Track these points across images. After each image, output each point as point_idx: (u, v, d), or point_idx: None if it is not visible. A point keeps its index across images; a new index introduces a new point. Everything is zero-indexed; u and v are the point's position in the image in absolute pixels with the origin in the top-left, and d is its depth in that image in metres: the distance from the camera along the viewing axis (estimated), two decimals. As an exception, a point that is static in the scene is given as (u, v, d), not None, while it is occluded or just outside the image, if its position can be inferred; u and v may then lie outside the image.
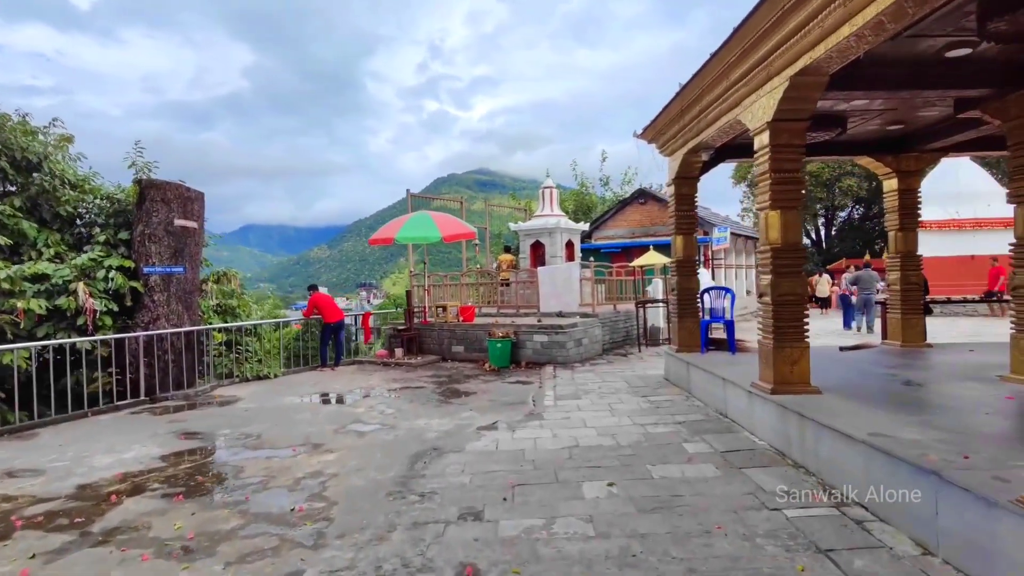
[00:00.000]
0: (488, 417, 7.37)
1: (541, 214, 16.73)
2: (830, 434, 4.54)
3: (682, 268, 9.05)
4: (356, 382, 10.40)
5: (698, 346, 8.96)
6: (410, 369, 11.67)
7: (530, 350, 11.71)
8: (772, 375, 5.76)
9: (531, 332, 11.72)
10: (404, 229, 12.19)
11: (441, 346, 12.90)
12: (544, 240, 16.31)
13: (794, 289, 5.78)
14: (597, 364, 11.44)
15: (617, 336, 13.75)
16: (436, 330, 12.98)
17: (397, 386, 9.83)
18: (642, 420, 6.87)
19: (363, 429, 6.99)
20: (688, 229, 9.06)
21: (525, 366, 11.49)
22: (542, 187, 16.96)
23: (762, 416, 5.79)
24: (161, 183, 9.33)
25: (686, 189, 8.98)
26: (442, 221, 12.54)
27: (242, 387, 10.14)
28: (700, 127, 7.59)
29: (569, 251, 16.81)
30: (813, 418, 4.82)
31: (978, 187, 21.60)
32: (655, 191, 22.47)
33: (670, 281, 9.42)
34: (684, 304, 9.03)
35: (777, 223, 5.78)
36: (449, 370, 11.45)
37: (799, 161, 5.80)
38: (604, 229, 23.16)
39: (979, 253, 20.97)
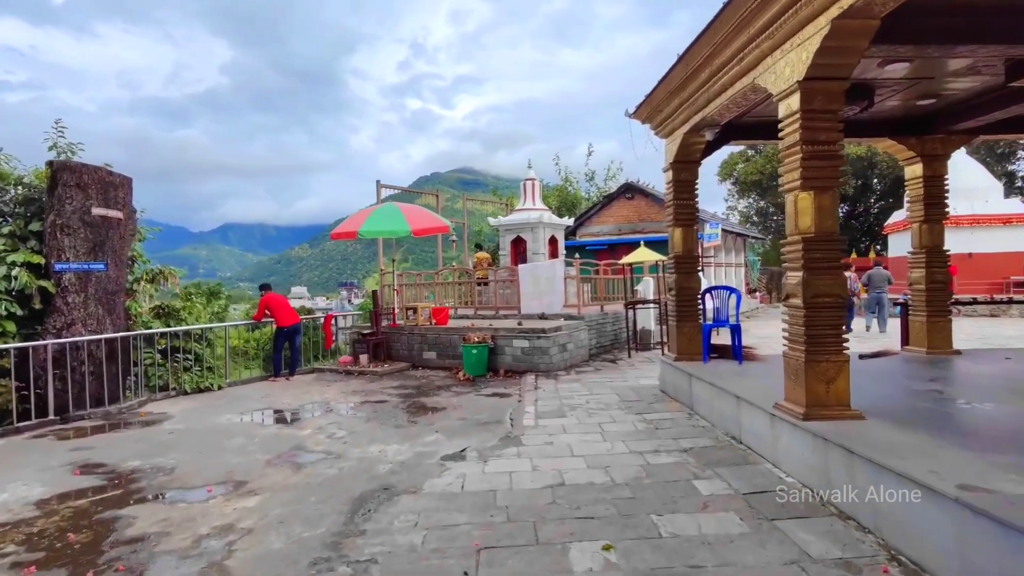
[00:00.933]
0: (456, 442, 6.17)
1: (523, 208, 15.57)
2: (896, 481, 3.42)
3: (681, 265, 7.92)
4: (310, 395, 9.14)
5: (699, 354, 7.84)
6: (374, 379, 10.43)
7: (509, 357, 10.53)
8: (804, 396, 4.64)
9: (510, 336, 10.54)
10: (369, 222, 10.95)
11: (411, 352, 11.67)
12: (526, 236, 15.15)
13: (831, 288, 4.66)
14: (583, 372, 10.29)
15: (605, 340, 12.63)
16: (406, 334, 11.75)
17: (356, 400, 8.60)
18: (640, 446, 5.72)
19: (303, 459, 5.76)
20: (688, 220, 7.94)
21: (504, 375, 10.30)
22: (524, 179, 15.80)
23: (791, 447, 4.66)
24: (76, 165, 7.99)
25: (686, 175, 7.86)
26: (412, 213, 11.32)
27: (177, 402, 8.82)
28: (706, 98, 6.46)
29: (552, 248, 15.67)
30: (867, 457, 3.70)
31: (975, 183, 20.84)
32: (643, 185, 21.42)
33: (667, 280, 8.29)
34: (684, 306, 7.91)
35: (809, 207, 4.66)
36: (418, 380, 10.23)
37: (836, 131, 4.69)
38: (589, 225, 22.05)
39: (977, 251, 20.21)
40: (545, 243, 15.18)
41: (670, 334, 8.21)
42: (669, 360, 8.01)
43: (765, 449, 5.13)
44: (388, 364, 11.36)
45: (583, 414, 7.13)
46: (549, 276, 12.21)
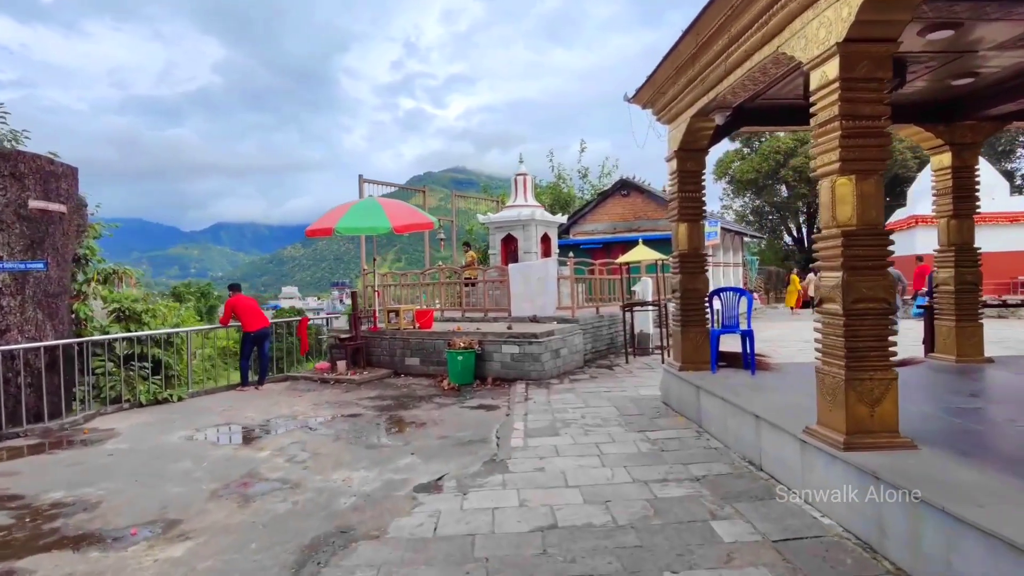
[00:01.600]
0: (433, 467, 5.38)
1: (514, 204, 14.78)
2: (982, 542, 2.66)
3: (687, 265, 7.15)
4: (278, 407, 8.31)
5: (706, 363, 7.08)
6: (351, 388, 9.61)
7: (498, 363, 9.74)
8: (843, 420, 3.87)
9: (499, 341, 9.75)
10: (347, 218, 10.13)
11: (393, 358, 10.86)
12: (517, 234, 14.36)
13: (876, 291, 3.90)
14: (578, 380, 9.51)
15: (600, 344, 11.86)
16: (387, 339, 10.93)
17: (328, 413, 7.78)
18: (644, 473, 4.94)
19: (254, 490, 4.95)
20: (694, 215, 7.17)
21: (492, 383, 9.51)
22: (515, 174, 15.02)
23: (829, 481, 3.90)
24: (11, 153, 7.13)
25: (691, 164, 7.10)
26: (393, 209, 10.51)
27: (129, 416, 7.98)
28: (718, 75, 5.69)
29: (545, 246, 14.89)
30: (939, 506, 2.94)
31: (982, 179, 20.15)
32: (639, 182, 20.69)
33: (671, 281, 7.52)
34: (689, 309, 7.14)
35: (850, 195, 3.90)
36: (399, 389, 9.42)
37: (882, 103, 3.93)
38: (583, 223, 21.28)
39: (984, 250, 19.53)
40: (537, 242, 14.40)
41: (674, 341, 7.44)
42: (673, 370, 7.24)
43: (793, 480, 4.36)
44: (368, 371, 10.55)
45: (578, 431, 6.35)
46: (541, 276, 11.43)
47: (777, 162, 39.18)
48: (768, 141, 40.80)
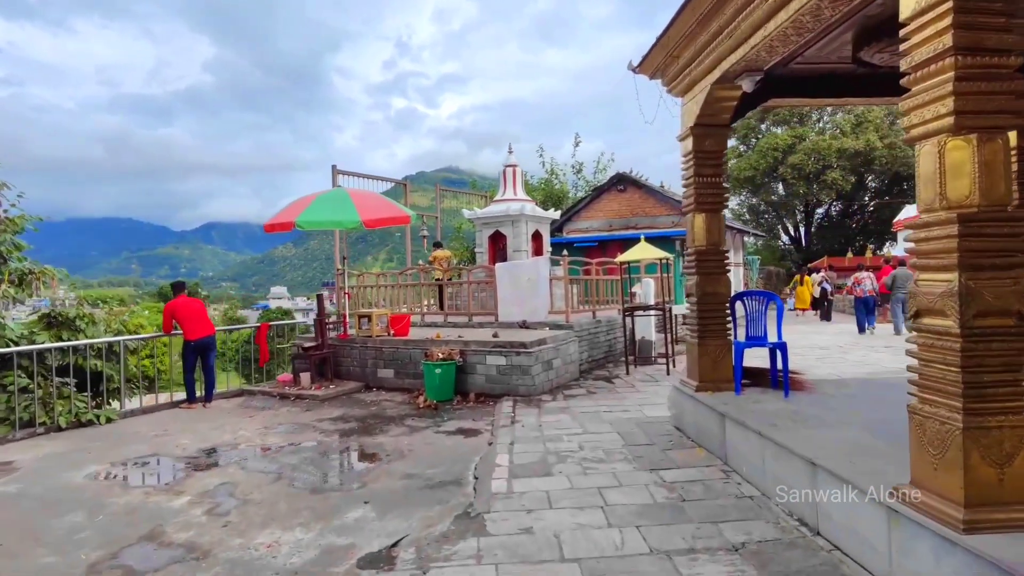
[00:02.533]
0: (390, 523, 4.17)
1: (502, 198, 13.58)
2: None
3: (705, 263, 5.97)
4: (221, 432, 7.07)
5: (728, 382, 5.90)
6: (313, 405, 8.37)
7: (482, 376, 8.54)
8: (959, 485, 2.70)
9: (483, 351, 8.55)
10: (310, 210, 8.90)
11: (364, 370, 9.62)
12: (505, 230, 13.17)
13: (1009, 303, 2.72)
14: (573, 396, 8.32)
15: (597, 352, 10.68)
16: (358, 348, 9.70)
17: (277, 441, 6.55)
18: (664, 537, 3.74)
19: (145, 564, 3.72)
20: (714, 204, 5.99)
21: (475, 399, 8.31)
22: (504, 165, 13.83)
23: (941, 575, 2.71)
24: None
25: (711, 143, 5.92)
26: (365, 201, 9.29)
27: (39, 444, 6.70)
28: (752, 23, 4.50)
29: (536, 244, 13.71)
30: None
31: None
32: (636, 176, 19.53)
33: (685, 283, 6.33)
34: (708, 318, 5.95)
35: (967, 161, 2.73)
36: (367, 407, 8.19)
37: (1008, 32, 2.75)
38: (577, 221, 20.09)
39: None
40: (528, 239, 13.21)
41: (689, 355, 6.25)
42: (688, 390, 6.05)
43: (876, 562, 3.17)
44: (335, 385, 9.31)
45: (575, 469, 5.14)
46: (532, 277, 10.24)
47: (775, 159, 38.21)
48: (766, 138, 39.86)
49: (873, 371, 8.73)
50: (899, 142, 35.17)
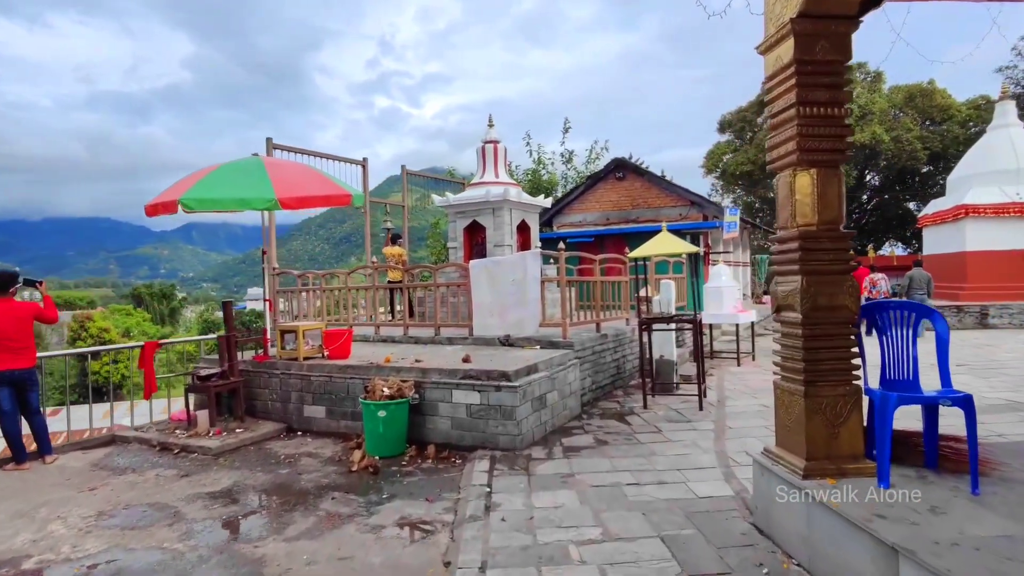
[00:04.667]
0: None
1: (481, 182, 11.03)
2: None
3: (814, 255, 3.46)
4: (27, 523, 4.44)
5: (857, 459, 3.40)
6: (199, 464, 5.77)
7: (447, 420, 5.98)
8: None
9: (449, 384, 5.99)
10: (203, 185, 6.32)
11: (286, 405, 7.02)
12: (485, 220, 10.62)
13: None
14: (577, 451, 5.78)
15: (603, 377, 8.17)
16: (279, 375, 7.08)
17: (94, 548, 3.96)
18: None
19: None
20: (830, 154, 3.46)
21: (435, 454, 5.76)
22: (483, 141, 11.28)
23: None
24: None
25: (826, 48, 3.42)
26: (284, 173, 6.72)
27: None
28: None
29: (523, 237, 11.18)
30: None
31: (1032, 163, 16.96)
32: (637, 162, 17.12)
33: (775, 288, 3.79)
34: (822, 347, 3.44)
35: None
36: (276, 469, 5.60)
37: None
38: (569, 213, 17.57)
39: (1048, 246, 16.32)
40: (512, 231, 10.67)
41: (783, 411, 3.70)
42: (784, 471, 3.52)
43: None
44: (244, 427, 6.71)
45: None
46: (518, 278, 7.71)
47: (775, 153, 36.05)
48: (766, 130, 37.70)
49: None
50: (907, 135, 33.21)
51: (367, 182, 12.16)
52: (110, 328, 38.77)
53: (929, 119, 35.13)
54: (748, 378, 9.18)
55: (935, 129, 34.71)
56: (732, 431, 6.16)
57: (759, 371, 9.78)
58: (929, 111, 34.83)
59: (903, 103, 35.27)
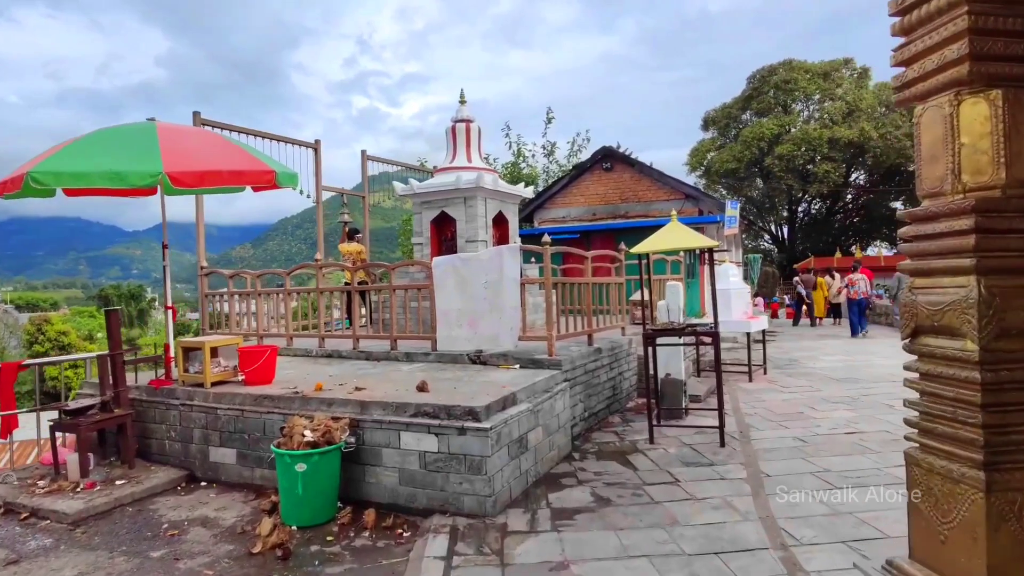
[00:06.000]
0: None
1: (451, 166, 9.48)
2: None
3: (996, 233, 1.97)
4: None
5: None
6: (43, 542, 4.12)
7: (393, 472, 4.40)
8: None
9: (397, 423, 4.42)
10: (64, 155, 4.68)
11: (187, 446, 5.38)
12: (455, 211, 9.07)
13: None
14: (569, 515, 4.25)
15: (597, 401, 6.65)
16: (178, 407, 5.43)
17: None
18: None
19: None
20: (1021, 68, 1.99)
21: (375, 523, 4.17)
22: (453, 120, 9.70)
23: None
24: None
25: None
26: (180, 142, 5.12)
27: None
28: None
29: (500, 232, 9.66)
30: None
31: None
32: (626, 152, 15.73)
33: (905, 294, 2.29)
34: (1008, 401, 1.95)
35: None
36: (149, 546, 3.98)
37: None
38: (551, 208, 16.07)
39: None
40: (487, 224, 9.14)
41: (926, 503, 2.20)
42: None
43: None
44: (129, 476, 5.07)
45: None
46: (492, 279, 6.16)
47: (760, 150, 35.07)
48: (750, 127, 36.67)
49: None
50: (895, 132, 32.37)
51: (320, 168, 10.51)
52: (70, 331, 36.25)
53: (917, 116, 34.35)
54: (765, 398, 7.76)
55: (923, 126, 33.93)
56: (772, 481, 4.69)
57: (774, 388, 8.37)
58: (918, 108, 34.06)
59: (892, 99, 34.49)
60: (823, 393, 7.91)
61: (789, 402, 7.45)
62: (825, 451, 5.40)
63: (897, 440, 5.65)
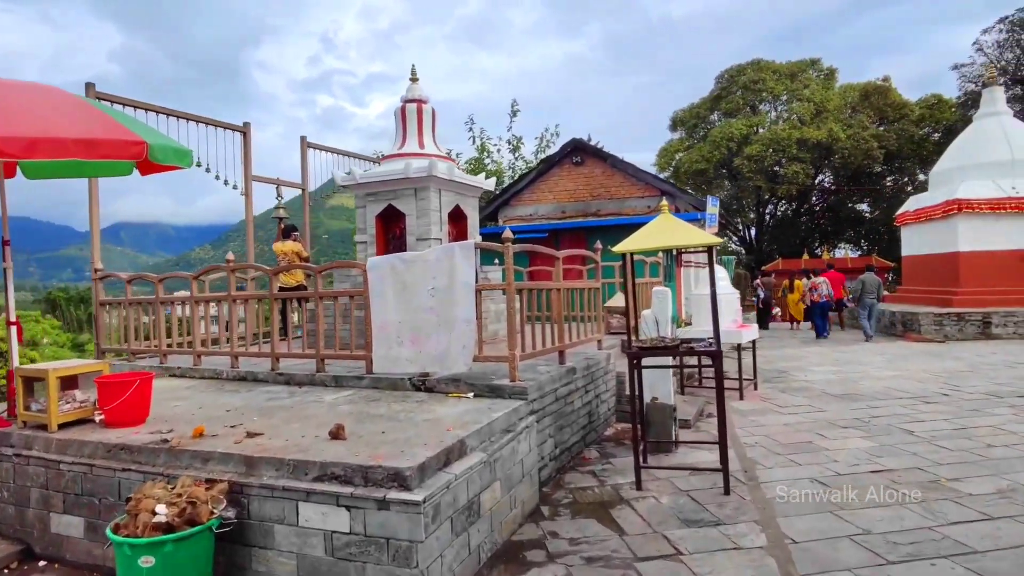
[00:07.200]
0: None
1: (400, 153, 8.18)
2: None
3: None
4: None
5: None
6: None
7: (289, 559, 3.13)
8: None
9: (295, 492, 3.14)
10: None
11: (22, 511, 4.00)
12: (405, 205, 7.81)
13: None
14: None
15: (570, 433, 5.46)
16: (11, 457, 4.05)
17: None
18: None
19: None
20: None
21: (258, 638, 2.90)
22: (402, 100, 8.40)
23: None
24: None
25: None
26: (12, 99, 3.73)
27: None
28: None
29: (458, 229, 8.42)
30: None
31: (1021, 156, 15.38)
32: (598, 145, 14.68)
33: None
34: None
35: None
36: None
37: None
38: (517, 205, 14.87)
39: (1045, 245, 14.70)
40: (443, 219, 7.91)
41: None
42: None
43: None
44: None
45: None
46: (441, 285, 4.92)
47: (729, 150, 34.53)
48: (719, 127, 36.16)
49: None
50: (863, 133, 32.14)
51: (249, 154, 9.10)
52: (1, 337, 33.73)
53: (884, 118, 34.30)
54: (764, 422, 6.69)
55: (889, 128, 33.88)
56: (800, 550, 3.57)
57: (771, 408, 7.32)
58: (884, 110, 34.01)
59: (859, 101, 34.33)
60: (827, 414, 6.88)
61: (792, 427, 6.39)
62: (855, 501, 4.31)
63: (937, 482, 4.61)
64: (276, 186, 9.67)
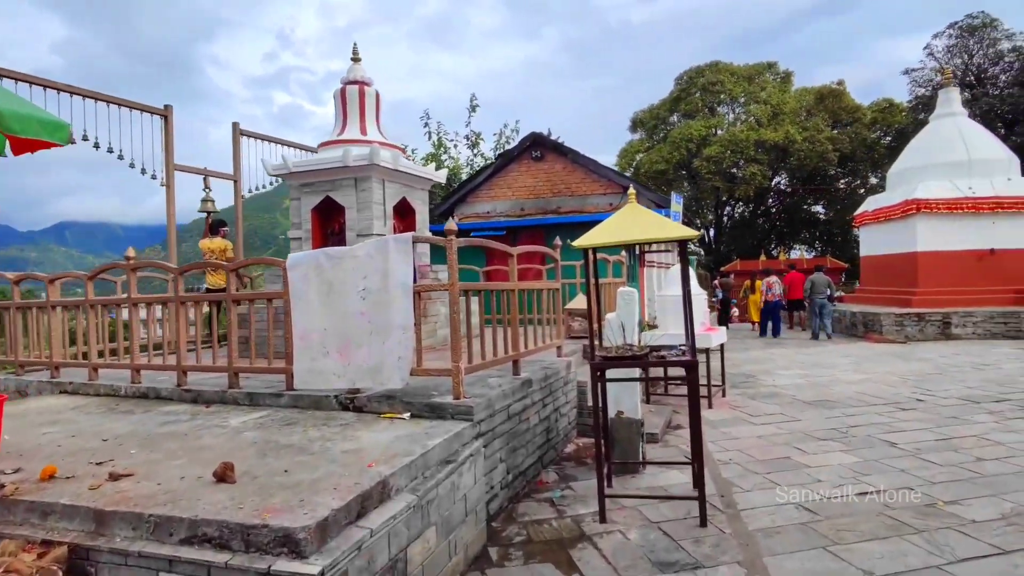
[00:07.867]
0: None
1: (339, 139, 7.36)
2: None
3: None
4: None
5: None
6: None
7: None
8: None
9: (152, 558, 2.39)
10: None
11: None
12: (343, 197, 7.03)
13: None
14: None
15: (524, 455, 4.80)
16: None
17: None
18: None
19: None
20: None
21: None
22: (342, 82, 7.57)
23: None
24: None
25: None
26: None
27: None
28: None
29: (405, 224, 7.68)
30: None
31: (990, 154, 15.50)
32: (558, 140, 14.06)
33: None
34: None
35: None
36: None
37: None
38: (474, 202, 14.16)
39: (1000, 246, 14.79)
40: (387, 212, 7.15)
41: None
42: None
43: None
44: None
45: None
46: (373, 286, 4.20)
47: (689, 151, 34.54)
48: (678, 128, 36.20)
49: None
50: (818, 136, 32.54)
51: (171, 141, 8.16)
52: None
53: (837, 121, 34.85)
54: (736, 434, 6.16)
55: (842, 131, 34.44)
56: (798, 604, 2.97)
57: (742, 418, 6.81)
58: (838, 113, 34.55)
59: (814, 104, 34.81)
60: (802, 424, 6.40)
61: (767, 440, 5.87)
62: (847, 531, 3.76)
63: (933, 506, 4.11)
64: (204, 177, 8.72)
